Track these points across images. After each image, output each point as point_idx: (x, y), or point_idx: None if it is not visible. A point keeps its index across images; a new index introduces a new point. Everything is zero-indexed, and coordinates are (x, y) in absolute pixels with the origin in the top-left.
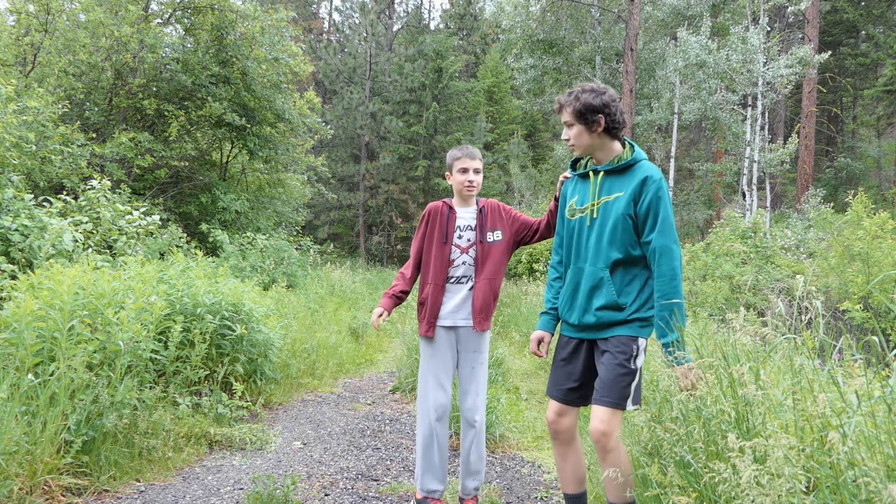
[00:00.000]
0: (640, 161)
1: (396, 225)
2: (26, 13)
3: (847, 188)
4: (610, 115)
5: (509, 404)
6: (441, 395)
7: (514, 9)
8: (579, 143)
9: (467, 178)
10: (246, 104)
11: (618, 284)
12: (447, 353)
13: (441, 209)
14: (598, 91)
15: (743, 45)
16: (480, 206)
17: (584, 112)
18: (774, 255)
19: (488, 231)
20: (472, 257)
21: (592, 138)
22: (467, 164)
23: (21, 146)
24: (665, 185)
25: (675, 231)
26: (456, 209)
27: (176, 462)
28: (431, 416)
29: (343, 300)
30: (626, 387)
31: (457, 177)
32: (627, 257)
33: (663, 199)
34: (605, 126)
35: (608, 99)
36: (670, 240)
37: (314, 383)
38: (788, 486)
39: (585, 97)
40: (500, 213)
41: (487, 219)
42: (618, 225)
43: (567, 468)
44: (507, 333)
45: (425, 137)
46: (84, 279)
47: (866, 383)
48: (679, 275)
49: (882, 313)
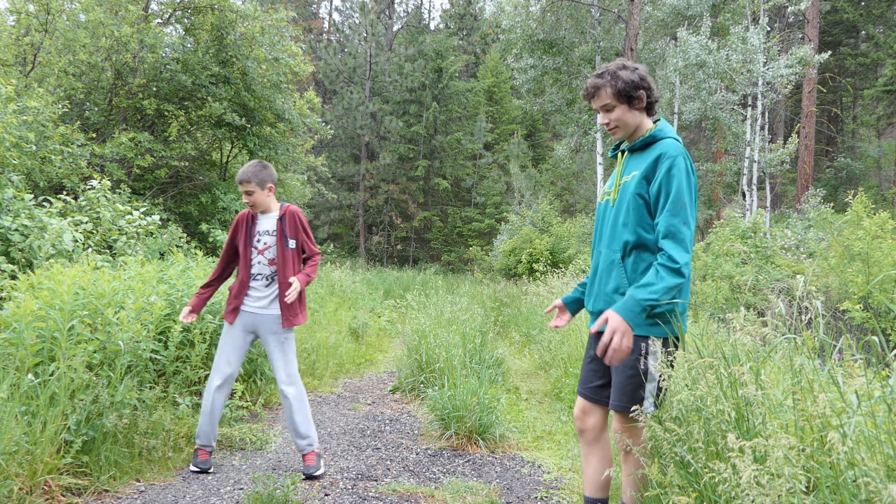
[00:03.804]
0: (660, 138)
1: (396, 225)
2: (26, 13)
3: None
4: (649, 90)
5: (509, 404)
6: (226, 369)
7: (514, 9)
8: (624, 123)
9: (245, 199)
10: (246, 104)
11: (629, 270)
12: (238, 335)
13: (246, 216)
14: (631, 67)
15: (743, 45)
16: (281, 213)
17: (627, 89)
18: (774, 255)
19: (290, 238)
20: (267, 258)
21: (635, 115)
22: (246, 188)
23: (21, 146)
24: (682, 162)
25: (686, 212)
26: (258, 216)
27: (176, 462)
28: (213, 384)
29: (343, 300)
30: (636, 390)
31: (244, 197)
32: (639, 241)
33: (676, 177)
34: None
35: (644, 72)
36: (679, 220)
37: (314, 383)
38: (788, 486)
39: (625, 74)
40: (297, 223)
41: (287, 226)
42: (630, 206)
43: (588, 469)
44: (507, 333)
45: (425, 137)
46: (84, 279)
47: (866, 383)
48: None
49: (882, 313)
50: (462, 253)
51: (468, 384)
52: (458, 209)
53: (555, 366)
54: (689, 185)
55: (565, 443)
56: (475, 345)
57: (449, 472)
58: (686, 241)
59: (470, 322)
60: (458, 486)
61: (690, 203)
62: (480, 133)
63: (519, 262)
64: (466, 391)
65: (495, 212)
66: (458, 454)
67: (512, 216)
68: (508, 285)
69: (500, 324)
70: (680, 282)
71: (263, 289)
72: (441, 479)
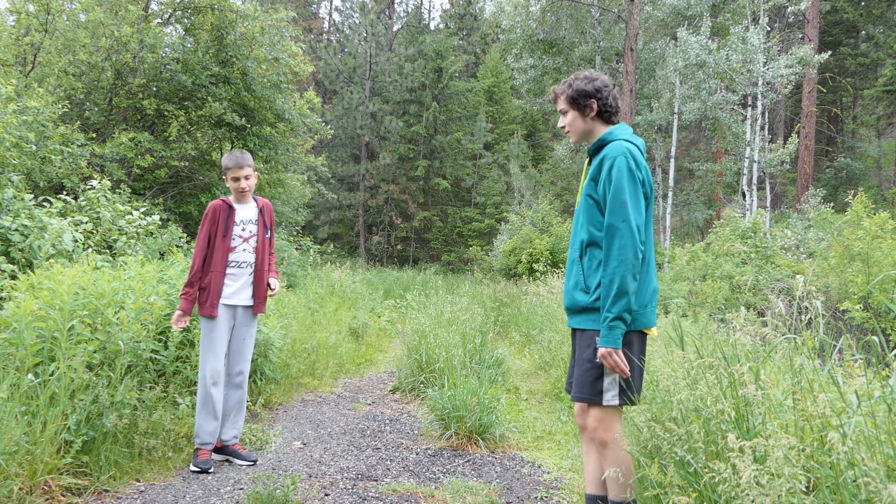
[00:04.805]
0: (608, 141)
1: (396, 225)
2: (26, 13)
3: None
4: (602, 100)
5: (509, 404)
6: (217, 364)
7: (514, 9)
8: (574, 128)
9: (238, 185)
10: (246, 104)
11: (585, 266)
12: (224, 329)
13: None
14: (590, 77)
15: (743, 45)
16: (261, 205)
17: (577, 97)
18: (774, 255)
19: (268, 229)
20: (252, 247)
21: (586, 123)
22: (237, 174)
23: (21, 146)
24: (622, 161)
25: (626, 210)
26: (234, 207)
27: (176, 462)
28: (208, 382)
29: (343, 300)
30: (595, 381)
31: (230, 183)
32: (591, 239)
33: (615, 177)
34: (597, 110)
35: (600, 84)
36: (618, 219)
37: (314, 383)
38: (788, 486)
39: (578, 84)
40: (272, 216)
41: (266, 217)
42: (583, 206)
43: (589, 466)
44: (507, 333)
45: (425, 137)
46: (84, 279)
47: (866, 383)
48: (623, 256)
49: (882, 313)
50: (462, 253)
51: (468, 384)
52: (458, 209)
53: (555, 366)
54: (630, 183)
55: (565, 443)
56: (475, 345)
57: (449, 472)
58: (624, 237)
59: (470, 322)
60: (458, 486)
61: (632, 200)
62: (480, 133)
63: (519, 262)
64: (466, 391)
65: (495, 212)
66: (458, 454)
67: (512, 216)
68: (508, 285)
69: (500, 324)
70: (621, 284)
71: (244, 277)
72: (441, 479)
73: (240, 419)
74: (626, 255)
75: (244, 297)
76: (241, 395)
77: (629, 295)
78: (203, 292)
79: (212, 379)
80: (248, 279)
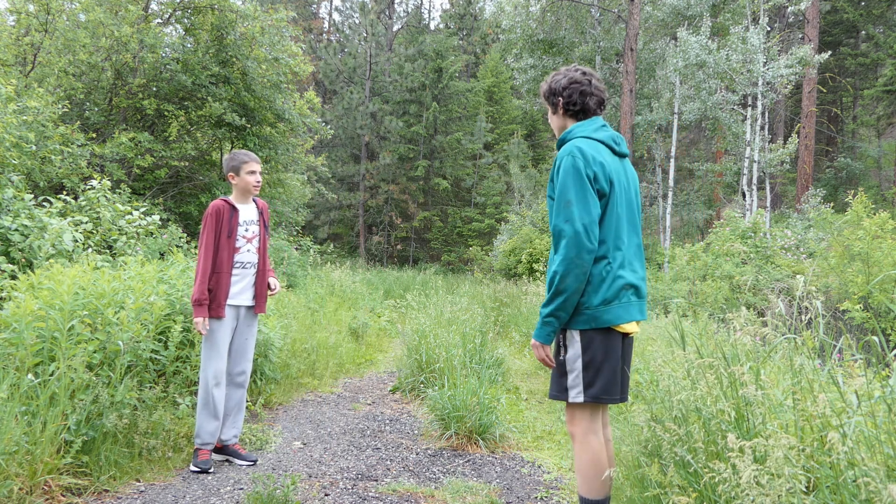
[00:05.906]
0: (567, 140)
1: (396, 225)
2: (26, 13)
3: (847, 188)
4: (566, 97)
5: (509, 404)
6: (221, 364)
7: (514, 9)
8: (553, 125)
9: (255, 179)
10: (246, 104)
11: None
12: (228, 329)
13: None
14: (562, 74)
15: (743, 45)
16: (260, 206)
17: (547, 95)
18: (774, 255)
19: (268, 229)
20: (255, 247)
21: (558, 119)
22: (255, 167)
23: (21, 146)
24: (569, 160)
25: (570, 209)
26: (237, 207)
27: (176, 462)
28: (211, 382)
29: (343, 300)
30: (560, 378)
31: (246, 178)
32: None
33: (561, 177)
34: (563, 108)
35: (566, 81)
36: (561, 219)
37: (314, 383)
38: (788, 486)
39: (550, 81)
40: (268, 218)
41: (266, 218)
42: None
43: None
44: (507, 333)
45: (425, 137)
46: (84, 279)
47: (866, 383)
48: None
49: (882, 313)
50: (462, 253)
51: (468, 384)
52: (458, 209)
53: None
54: (575, 182)
55: (565, 443)
56: (475, 345)
57: (449, 472)
58: (567, 236)
59: (470, 322)
60: (458, 486)
61: (578, 199)
62: (480, 133)
63: (519, 262)
64: (466, 391)
65: (495, 212)
66: (458, 454)
67: (512, 216)
68: (508, 285)
69: (500, 324)
70: (559, 283)
71: (248, 278)
72: (441, 479)
73: (240, 419)
74: (568, 255)
75: (247, 298)
76: (241, 394)
77: (567, 294)
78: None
79: (215, 380)
80: (251, 279)
